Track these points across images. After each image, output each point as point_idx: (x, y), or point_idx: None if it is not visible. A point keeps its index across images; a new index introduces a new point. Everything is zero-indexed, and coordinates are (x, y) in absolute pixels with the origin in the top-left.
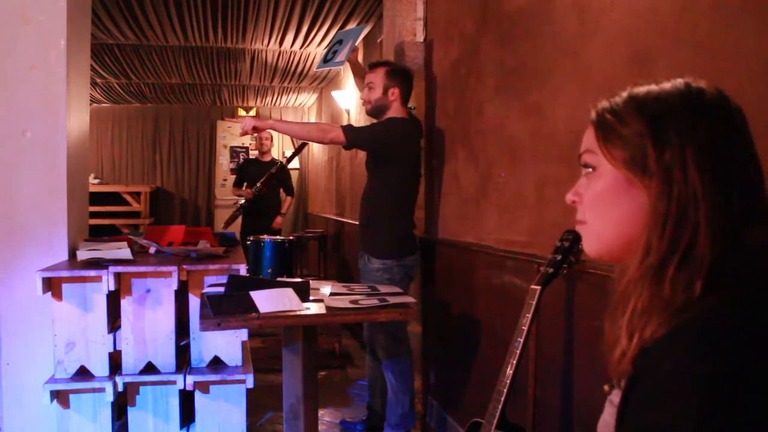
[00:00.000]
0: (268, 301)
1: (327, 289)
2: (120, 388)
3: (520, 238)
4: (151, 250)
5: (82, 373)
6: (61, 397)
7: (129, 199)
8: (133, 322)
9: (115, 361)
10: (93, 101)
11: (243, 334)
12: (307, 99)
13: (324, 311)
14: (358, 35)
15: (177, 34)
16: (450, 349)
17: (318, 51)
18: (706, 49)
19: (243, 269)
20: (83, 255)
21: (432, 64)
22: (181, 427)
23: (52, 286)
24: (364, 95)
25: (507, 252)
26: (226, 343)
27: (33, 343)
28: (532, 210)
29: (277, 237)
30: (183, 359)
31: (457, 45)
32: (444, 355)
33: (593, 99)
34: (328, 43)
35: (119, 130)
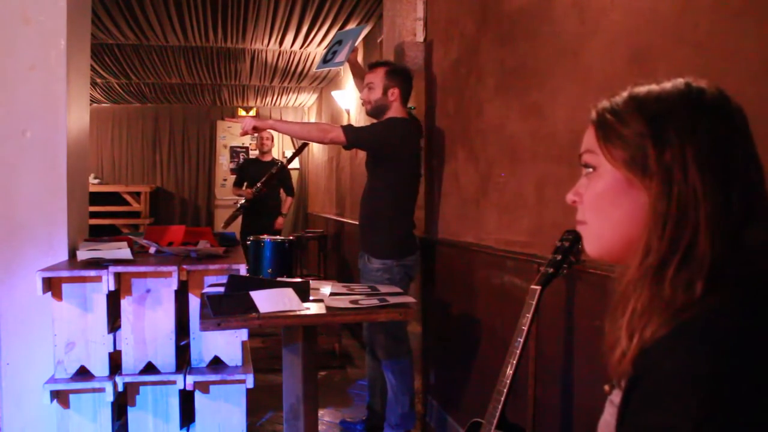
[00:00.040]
0: (268, 301)
1: (327, 289)
2: (120, 388)
3: (520, 238)
4: (151, 250)
5: (82, 373)
6: (61, 397)
7: (129, 199)
8: (133, 322)
9: (115, 361)
10: (93, 101)
11: (243, 334)
12: (307, 99)
13: (324, 311)
14: (357, 35)
15: (177, 34)
16: (450, 349)
17: (318, 51)
18: (706, 49)
19: (243, 269)
20: (83, 255)
21: (432, 64)
22: (181, 427)
23: (52, 286)
24: (364, 95)
25: (507, 252)
26: (226, 343)
27: (33, 343)
28: (532, 210)
29: (277, 237)
30: (183, 359)
31: (457, 45)
32: (444, 355)
33: (593, 99)
34: (328, 43)
35: (119, 130)
